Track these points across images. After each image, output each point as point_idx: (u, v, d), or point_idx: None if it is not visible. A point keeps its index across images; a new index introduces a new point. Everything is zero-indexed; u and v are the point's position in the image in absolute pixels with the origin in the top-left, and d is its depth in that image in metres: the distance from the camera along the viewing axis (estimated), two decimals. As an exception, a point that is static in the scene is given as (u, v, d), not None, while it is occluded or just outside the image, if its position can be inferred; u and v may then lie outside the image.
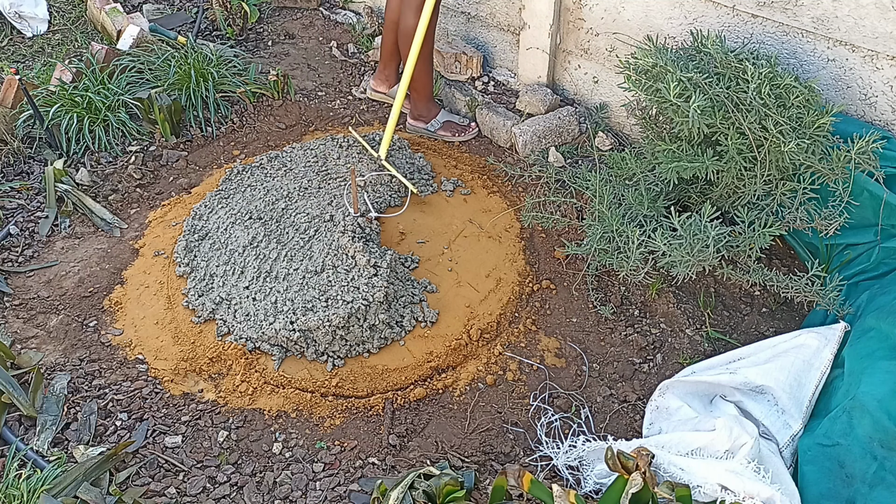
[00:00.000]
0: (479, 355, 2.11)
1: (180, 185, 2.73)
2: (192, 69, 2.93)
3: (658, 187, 2.15)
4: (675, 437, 1.69)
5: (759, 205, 2.03)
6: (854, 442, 1.60)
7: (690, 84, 1.85)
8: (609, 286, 2.27)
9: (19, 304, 2.25)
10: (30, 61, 3.41)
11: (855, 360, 1.73)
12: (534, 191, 2.57)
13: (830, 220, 1.91)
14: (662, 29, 2.45)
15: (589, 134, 2.77)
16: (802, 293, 1.96)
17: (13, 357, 2.04)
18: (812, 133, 1.85)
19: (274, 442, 1.89)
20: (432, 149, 2.88)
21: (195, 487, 1.77)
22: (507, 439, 1.90)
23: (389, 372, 2.06)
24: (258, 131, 2.98)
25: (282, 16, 3.69)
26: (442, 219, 2.54)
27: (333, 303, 2.13)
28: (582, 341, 2.14)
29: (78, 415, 1.93)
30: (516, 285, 2.30)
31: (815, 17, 2.07)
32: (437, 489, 1.62)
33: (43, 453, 1.82)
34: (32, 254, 2.45)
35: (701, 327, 2.15)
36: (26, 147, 2.82)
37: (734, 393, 1.82)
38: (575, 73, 2.85)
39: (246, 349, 2.07)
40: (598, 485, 1.73)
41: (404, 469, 1.82)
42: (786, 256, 2.33)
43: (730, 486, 1.51)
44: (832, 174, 1.87)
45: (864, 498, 1.54)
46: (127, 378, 2.04)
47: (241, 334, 2.11)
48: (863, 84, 2.09)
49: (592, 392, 2.01)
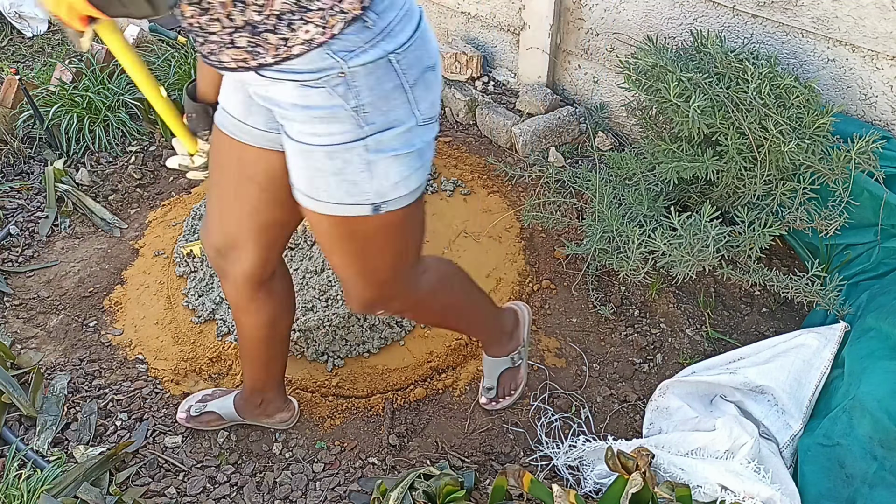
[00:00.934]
0: (479, 355, 2.10)
1: (180, 185, 2.73)
2: (193, 69, 2.93)
3: (658, 187, 2.15)
4: (675, 437, 1.69)
5: (759, 205, 2.03)
6: (854, 442, 1.60)
7: (690, 84, 1.85)
8: (609, 286, 2.27)
9: (19, 304, 2.25)
10: (30, 61, 3.41)
11: (855, 360, 1.73)
12: (534, 191, 2.57)
13: (830, 220, 1.91)
14: (662, 29, 2.45)
15: (589, 134, 2.77)
16: (802, 293, 1.96)
17: (13, 357, 2.04)
18: (812, 133, 1.85)
19: (274, 442, 1.89)
20: (432, 149, 2.88)
21: (195, 487, 1.77)
22: (507, 439, 1.90)
23: (389, 372, 2.06)
24: (258, 131, 2.98)
25: (282, 16, 3.69)
26: (442, 218, 2.54)
27: (333, 303, 2.13)
28: (582, 341, 2.14)
29: (78, 415, 1.93)
30: (516, 285, 2.30)
31: (815, 17, 2.07)
32: (437, 489, 1.62)
33: (43, 453, 1.82)
34: (32, 254, 2.45)
35: (701, 327, 2.15)
36: (26, 147, 2.82)
37: (734, 393, 1.82)
38: (575, 73, 2.85)
39: (246, 349, 2.07)
40: (598, 485, 1.73)
41: (404, 469, 1.82)
42: (786, 256, 2.33)
43: (730, 486, 1.51)
44: (832, 174, 1.87)
45: (864, 498, 1.54)
46: (127, 378, 2.04)
47: (241, 334, 2.11)
48: (863, 84, 2.09)
49: (592, 392, 2.01)
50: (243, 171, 1.32)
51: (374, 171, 1.12)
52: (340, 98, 1.06)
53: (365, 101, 1.07)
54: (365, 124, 1.09)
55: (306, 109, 1.08)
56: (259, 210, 1.36)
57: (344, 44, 1.04)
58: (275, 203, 1.35)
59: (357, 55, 1.05)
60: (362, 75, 1.06)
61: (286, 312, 1.63)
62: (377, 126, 1.10)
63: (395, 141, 1.12)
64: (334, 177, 1.12)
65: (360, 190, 1.14)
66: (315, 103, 1.07)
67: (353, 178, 1.12)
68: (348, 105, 1.07)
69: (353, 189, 1.13)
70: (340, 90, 1.06)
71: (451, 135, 2.97)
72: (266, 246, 1.43)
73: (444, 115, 3.07)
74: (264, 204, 1.35)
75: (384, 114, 1.10)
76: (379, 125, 1.10)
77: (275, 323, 1.60)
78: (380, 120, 1.10)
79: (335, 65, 1.04)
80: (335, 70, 1.05)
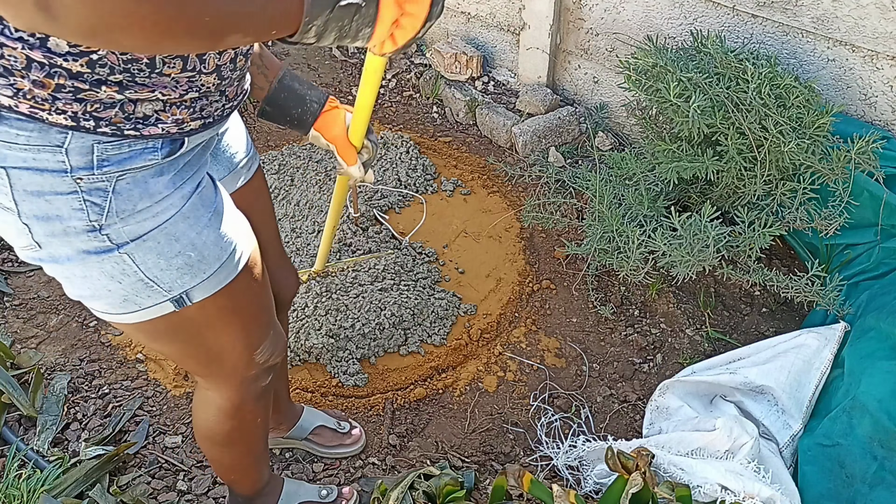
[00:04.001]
0: (479, 355, 2.11)
1: (180, 185, 2.73)
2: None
3: (658, 187, 2.15)
4: (675, 437, 1.69)
5: (759, 205, 2.03)
6: (854, 442, 1.60)
7: (690, 84, 1.85)
8: (609, 286, 2.27)
9: (19, 304, 2.25)
10: (30, 61, 3.41)
11: (855, 360, 1.73)
12: (534, 191, 2.57)
13: (830, 220, 1.91)
14: (662, 29, 2.45)
15: (589, 134, 2.77)
16: (802, 293, 1.96)
17: (13, 357, 2.04)
18: (812, 133, 1.85)
19: (274, 442, 1.89)
20: (432, 148, 2.88)
21: (196, 487, 1.77)
22: (507, 439, 1.90)
23: (389, 372, 2.06)
24: (258, 131, 2.98)
25: (282, 16, 3.69)
26: (442, 218, 2.54)
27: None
28: (582, 341, 2.14)
29: (78, 415, 1.93)
30: (516, 285, 2.30)
31: (815, 17, 2.07)
32: (437, 489, 1.62)
33: (43, 453, 1.81)
34: (32, 254, 2.44)
35: (701, 327, 2.15)
36: (26, 147, 2.82)
37: (734, 393, 1.82)
38: (575, 73, 2.85)
39: (246, 349, 2.07)
40: (598, 485, 1.73)
41: (404, 469, 1.82)
42: (786, 256, 2.33)
43: (730, 486, 1.51)
44: (832, 174, 1.87)
45: (864, 498, 1.54)
46: (127, 378, 2.04)
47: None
48: (863, 84, 2.09)
49: (592, 392, 2.01)
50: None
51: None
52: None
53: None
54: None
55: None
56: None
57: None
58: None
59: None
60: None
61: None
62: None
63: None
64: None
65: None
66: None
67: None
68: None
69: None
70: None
71: (451, 135, 2.97)
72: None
73: (444, 116, 3.07)
74: None
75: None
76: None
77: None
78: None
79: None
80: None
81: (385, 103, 3.15)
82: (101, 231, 0.93)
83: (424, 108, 3.12)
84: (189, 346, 1.13)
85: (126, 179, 0.93)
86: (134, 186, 0.94)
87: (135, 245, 0.96)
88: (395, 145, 2.78)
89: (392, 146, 2.79)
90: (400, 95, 3.21)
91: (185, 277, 1.01)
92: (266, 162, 2.75)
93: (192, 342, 1.12)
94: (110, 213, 0.93)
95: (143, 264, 0.98)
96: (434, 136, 2.96)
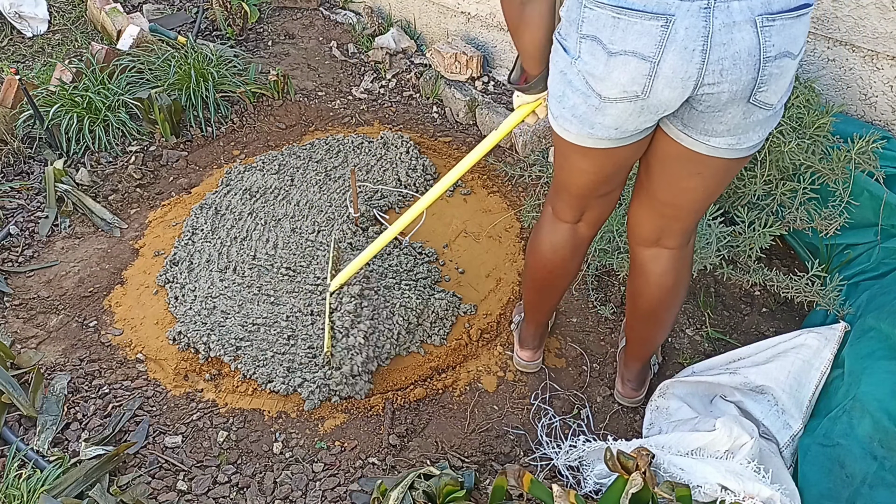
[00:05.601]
0: (479, 355, 2.11)
1: (180, 185, 2.73)
2: (192, 69, 2.93)
3: (658, 187, 2.14)
4: (675, 437, 1.69)
5: (760, 205, 2.03)
6: (854, 442, 1.60)
7: (690, 84, 1.85)
8: (609, 286, 2.27)
9: (19, 304, 2.25)
10: (30, 61, 3.41)
11: (855, 360, 1.73)
12: (534, 191, 2.57)
13: (830, 220, 1.91)
14: (662, 29, 2.44)
15: (589, 134, 2.77)
16: (802, 293, 1.96)
17: (13, 357, 2.04)
18: (812, 133, 1.85)
19: (274, 442, 1.89)
20: (432, 148, 2.88)
21: (196, 487, 1.77)
22: (507, 439, 1.90)
23: (389, 372, 2.06)
24: (258, 131, 2.98)
25: (282, 16, 3.70)
26: (442, 218, 2.54)
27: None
28: (582, 341, 2.14)
29: (78, 415, 1.93)
30: (516, 285, 2.30)
31: (815, 17, 2.07)
32: (437, 489, 1.62)
33: (43, 453, 1.82)
34: (32, 254, 2.45)
35: (701, 327, 2.15)
36: (26, 147, 2.82)
37: (734, 393, 1.82)
38: (575, 73, 2.84)
39: (246, 349, 2.07)
40: (598, 485, 1.73)
41: (404, 469, 1.82)
42: (786, 256, 2.33)
43: (730, 486, 1.51)
44: (832, 174, 1.87)
45: (864, 498, 1.54)
46: (127, 378, 2.04)
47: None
48: (863, 84, 2.09)
49: (592, 392, 2.01)
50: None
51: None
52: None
53: None
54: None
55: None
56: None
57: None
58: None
59: None
60: None
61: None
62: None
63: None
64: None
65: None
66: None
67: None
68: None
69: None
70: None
71: (451, 135, 2.97)
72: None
73: (444, 115, 3.07)
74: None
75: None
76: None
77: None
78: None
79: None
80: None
81: (385, 103, 3.15)
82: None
83: (424, 108, 3.12)
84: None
85: None
86: None
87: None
88: (395, 145, 2.78)
89: (392, 146, 2.79)
90: (400, 95, 3.21)
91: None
92: (266, 162, 2.75)
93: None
94: None
95: None
96: (434, 136, 2.96)
